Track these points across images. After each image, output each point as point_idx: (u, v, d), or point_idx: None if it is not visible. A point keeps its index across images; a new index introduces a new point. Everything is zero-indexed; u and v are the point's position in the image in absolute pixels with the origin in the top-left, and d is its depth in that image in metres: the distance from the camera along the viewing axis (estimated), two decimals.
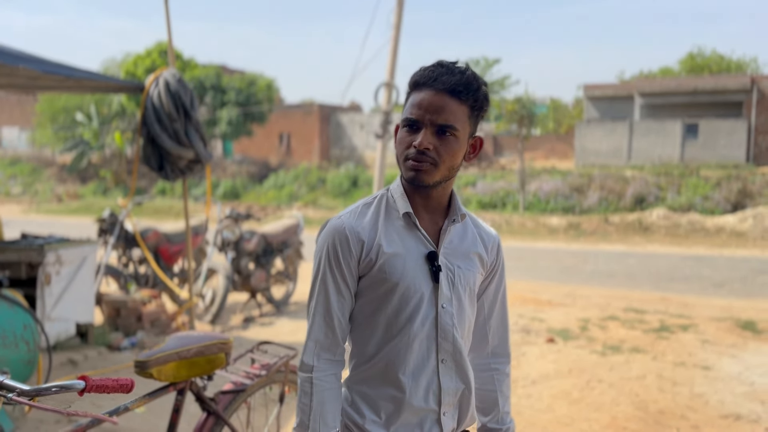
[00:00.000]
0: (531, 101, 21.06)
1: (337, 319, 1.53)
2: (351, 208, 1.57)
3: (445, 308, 1.53)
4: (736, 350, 5.74)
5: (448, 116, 1.46)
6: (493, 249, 1.65)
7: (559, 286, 9.20)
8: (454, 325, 1.54)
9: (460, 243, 1.59)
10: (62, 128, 29.43)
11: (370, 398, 1.55)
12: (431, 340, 1.53)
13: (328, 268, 1.52)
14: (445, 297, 1.53)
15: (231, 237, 7.02)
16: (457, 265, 1.56)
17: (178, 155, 5.27)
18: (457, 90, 1.46)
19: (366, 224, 1.52)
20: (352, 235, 1.50)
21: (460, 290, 1.56)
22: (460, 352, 1.56)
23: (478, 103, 1.50)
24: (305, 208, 21.43)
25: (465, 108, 1.48)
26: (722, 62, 33.34)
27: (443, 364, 1.54)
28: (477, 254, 1.61)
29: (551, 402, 4.41)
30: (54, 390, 1.57)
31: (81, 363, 4.97)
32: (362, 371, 1.57)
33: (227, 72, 30.93)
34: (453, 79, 1.46)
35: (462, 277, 1.56)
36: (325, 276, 1.52)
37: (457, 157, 1.50)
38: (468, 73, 1.48)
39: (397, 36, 11.88)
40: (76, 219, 19.94)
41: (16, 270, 4.77)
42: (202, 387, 2.40)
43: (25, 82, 5.04)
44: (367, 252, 1.50)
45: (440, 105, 1.46)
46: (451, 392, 1.56)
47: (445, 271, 1.54)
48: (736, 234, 15.43)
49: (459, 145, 1.49)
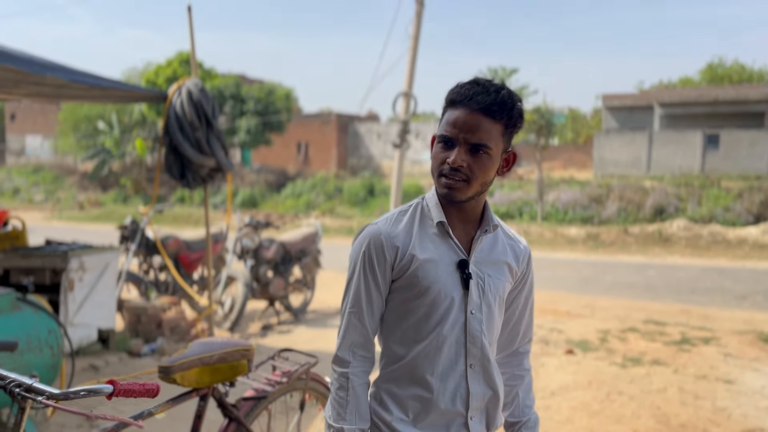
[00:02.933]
0: (549, 111, 20.98)
1: (369, 319, 1.60)
2: (387, 216, 1.63)
3: (474, 314, 1.58)
4: (759, 364, 5.65)
5: (482, 135, 1.49)
6: (523, 260, 1.70)
7: (577, 296, 9.12)
8: (483, 332, 1.59)
9: (490, 252, 1.63)
10: (84, 137, 29.86)
11: (398, 397, 1.59)
12: (460, 345, 1.57)
13: (362, 271, 1.58)
14: (475, 303, 1.58)
15: (250, 245, 7.07)
16: (488, 273, 1.60)
17: (199, 164, 5.33)
18: (491, 109, 1.49)
19: (401, 231, 1.58)
20: (387, 242, 1.56)
21: (489, 298, 1.60)
22: (488, 358, 1.60)
23: (513, 120, 1.53)
24: (322, 217, 21.50)
25: (499, 126, 1.51)
26: (743, 72, 32.99)
27: (471, 369, 1.58)
28: (507, 264, 1.65)
29: (571, 414, 4.37)
30: (83, 394, 1.60)
31: (102, 368, 5.03)
32: (391, 371, 1.61)
33: (246, 82, 31.22)
34: (488, 99, 1.49)
35: (492, 285, 1.60)
36: (359, 279, 1.59)
37: (489, 174, 1.54)
38: (503, 92, 1.51)
39: (415, 46, 11.93)
40: (97, 226, 20.18)
41: (40, 276, 4.84)
42: (224, 393, 2.42)
43: (51, 92, 5.13)
44: (401, 257, 1.56)
45: (474, 124, 1.49)
46: (478, 397, 1.60)
47: (476, 279, 1.58)
48: (758, 246, 15.20)
49: (492, 162, 1.53)
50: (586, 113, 36.01)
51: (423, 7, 11.86)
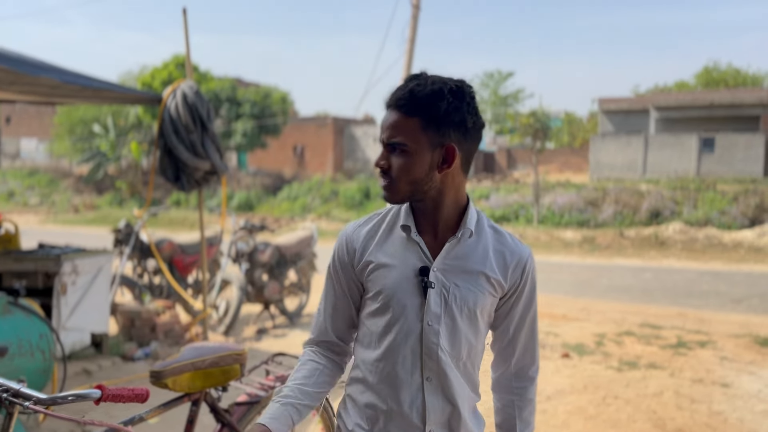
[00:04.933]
0: (545, 115, 21.03)
1: (327, 318, 1.61)
2: (364, 217, 1.62)
3: (431, 325, 1.48)
4: (755, 367, 5.64)
5: (395, 132, 1.43)
6: (516, 269, 1.54)
7: (574, 300, 9.11)
8: (440, 344, 1.48)
9: (464, 260, 1.50)
10: (79, 140, 29.80)
11: (356, 404, 1.56)
12: (416, 356, 1.49)
13: (329, 270, 1.61)
14: (433, 314, 1.47)
15: (245, 248, 7.04)
16: (455, 282, 1.49)
17: (194, 167, 5.31)
18: (399, 104, 1.42)
19: (364, 233, 1.56)
20: (348, 243, 1.56)
21: (454, 309, 1.48)
22: (445, 372, 1.49)
23: (432, 112, 1.40)
24: (318, 220, 21.48)
25: (414, 120, 1.41)
26: (738, 76, 33.17)
27: (428, 382, 1.49)
28: (483, 273, 1.50)
29: (566, 418, 4.35)
30: (71, 399, 1.58)
31: (95, 373, 5.00)
32: (353, 376, 1.59)
33: (242, 85, 31.22)
34: (397, 94, 1.43)
35: (458, 295, 1.48)
36: (327, 277, 1.62)
37: (412, 172, 1.44)
38: (412, 85, 1.42)
39: (411, 49, 11.93)
40: (92, 229, 20.12)
41: (33, 279, 4.81)
42: (216, 398, 2.39)
43: (45, 91, 5.11)
44: (358, 260, 1.54)
45: (390, 122, 1.44)
46: (436, 411, 1.50)
47: (439, 288, 1.48)
48: (754, 249, 15.22)
49: (413, 159, 1.43)
50: (582, 117, 36.17)
51: (419, 10, 11.88)
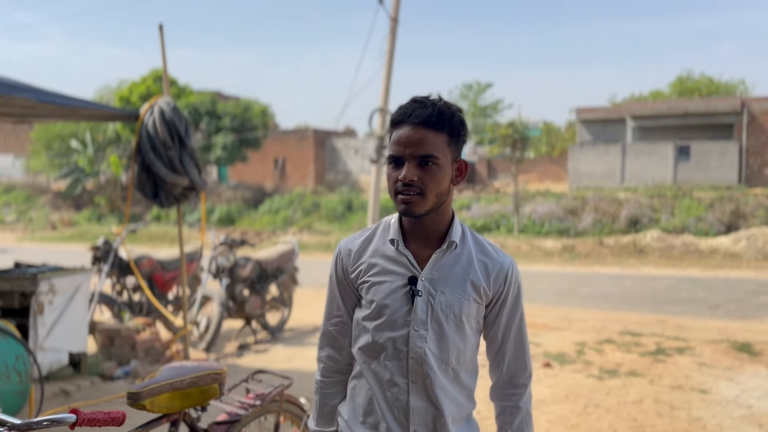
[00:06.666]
0: (524, 125, 21.27)
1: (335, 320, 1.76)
2: (357, 232, 1.75)
3: (418, 331, 1.60)
4: (733, 373, 5.72)
5: (428, 147, 1.54)
6: (498, 277, 1.64)
7: (554, 309, 9.18)
8: (425, 350, 1.60)
9: (450, 269, 1.62)
10: (57, 155, 29.45)
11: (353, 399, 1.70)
12: (402, 359, 1.61)
13: (329, 281, 1.77)
14: (419, 320, 1.60)
15: (225, 263, 7.00)
16: (441, 291, 1.61)
17: (172, 183, 5.28)
18: (431, 121, 1.54)
19: (358, 245, 1.70)
20: (345, 253, 1.71)
21: (440, 316, 1.60)
22: (429, 376, 1.60)
23: (455, 129, 1.58)
24: (300, 233, 21.41)
25: (443, 136, 1.56)
26: (711, 85, 33.77)
27: (413, 384, 1.61)
28: (470, 281, 1.62)
29: (549, 427, 4.38)
30: (45, 424, 1.56)
31: (74, 393, 4.92)
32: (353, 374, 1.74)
33: (222, 98, 31.12)
34: (426, 112, 1.55)
35: (444, 302, 1.60)
36: (328, 287, 1.77)
37: (442, 184, 1.57)
38: (440, 104, 1.57)
39: (390, 62, 12.00)
40: (70, 246, 19.85)
41: (8, 299, 4.74)
42: (195, 418, 2.37)
43: (20, 111, 5.06)
44: (352, 271, 1.69)
45: (418, 138, 1.54)
46: (420, 412, 1.62)
47: (426, 296, 1.60)
48: (730, 255, 15.46)
49: (442, 172, 1.57)
50: (560, 126, 36.53)
51: (397, 23, 11.96)
